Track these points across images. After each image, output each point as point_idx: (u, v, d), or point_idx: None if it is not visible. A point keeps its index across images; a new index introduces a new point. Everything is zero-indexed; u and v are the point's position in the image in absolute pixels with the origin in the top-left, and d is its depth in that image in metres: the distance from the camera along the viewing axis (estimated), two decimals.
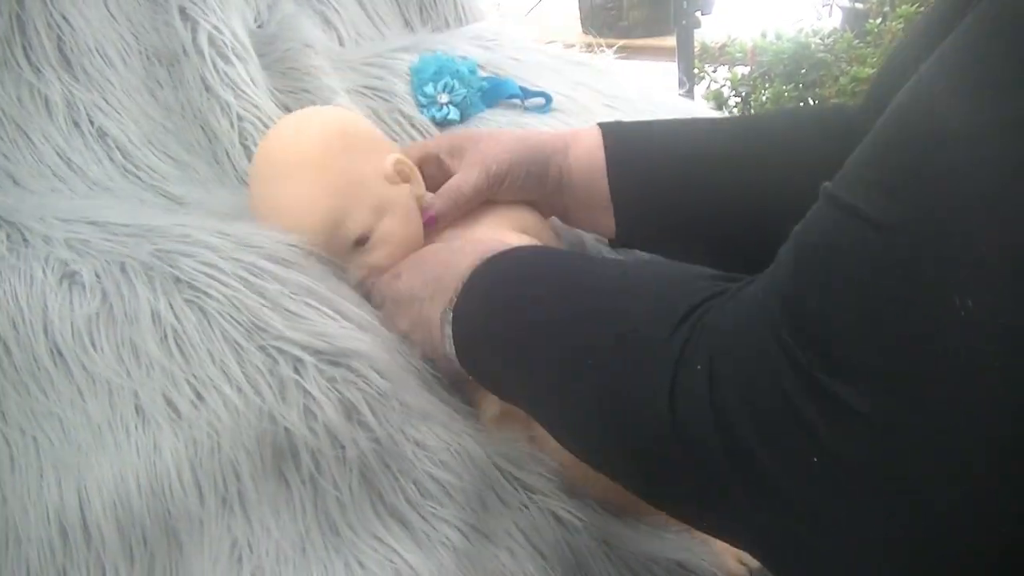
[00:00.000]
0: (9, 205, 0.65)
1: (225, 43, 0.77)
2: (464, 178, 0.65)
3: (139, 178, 0.73)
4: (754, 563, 0.59)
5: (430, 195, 0.66)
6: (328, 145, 0.62)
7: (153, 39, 0.79)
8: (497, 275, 0.54)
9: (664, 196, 0.65)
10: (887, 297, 0.33)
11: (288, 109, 0.77)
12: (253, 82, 0.76)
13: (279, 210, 0.62)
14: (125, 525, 0.51)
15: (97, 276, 0.58)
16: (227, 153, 0.74)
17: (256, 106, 0.75)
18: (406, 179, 0.65)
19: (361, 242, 0.62)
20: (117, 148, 0.73)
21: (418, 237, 0.65)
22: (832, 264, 0.35)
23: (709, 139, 0.67)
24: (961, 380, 0.31)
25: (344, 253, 0.62)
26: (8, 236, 0.61)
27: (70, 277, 0.58)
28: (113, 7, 0.78)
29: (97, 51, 0.75)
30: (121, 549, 0.51)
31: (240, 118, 0.74)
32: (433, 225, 0.65)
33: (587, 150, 0.67)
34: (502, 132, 0.73)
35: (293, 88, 0.79)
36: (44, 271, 0.58)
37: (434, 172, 0.69)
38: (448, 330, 0.55)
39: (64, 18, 0.75)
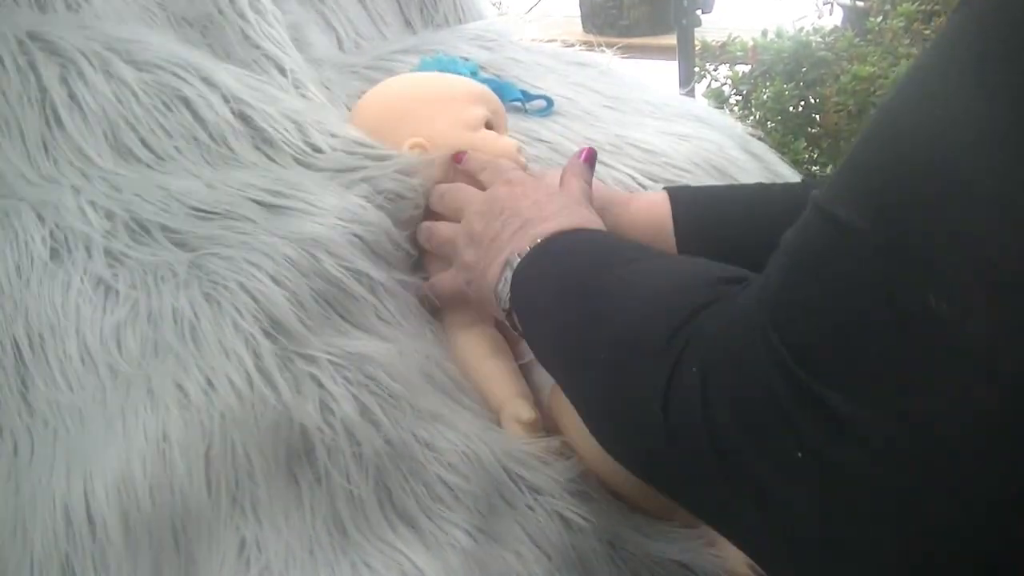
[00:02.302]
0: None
1: (264, 8, 0.77)
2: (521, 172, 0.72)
3: None
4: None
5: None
6: None
7: (181, 4, 0.78)
8: (557, 252, 0.57)
9: (728, 241, 0.66)
10: (867, 301, 0.34)
11: None
12: (292, 41, 0.78)
13: (435, 86, 0.75)
14: (130, 516, 0.50)
15: (131, 286, 0.58)
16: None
17: (298, 65, 0.76)
18: None
19: (490, 126, 0.74)
20: None
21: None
22: (816, 270, 0.36)
23: (771, 190, 0.71)
24: (939, 385, 0.32)
25: (473, 127, 0.72)
26: (51, 234, 0.61)
27: (105, 287, 0.58)
28: None
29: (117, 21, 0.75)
30: (125, 540, 0.50)
31: (292, 71, 0.75)
32: (458, 160, 0.71)
33: (650, 203, 0.70)
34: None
35: None
36: (83, 280, 0.59)
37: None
38: (508, 273, 0.58)
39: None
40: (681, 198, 0.69)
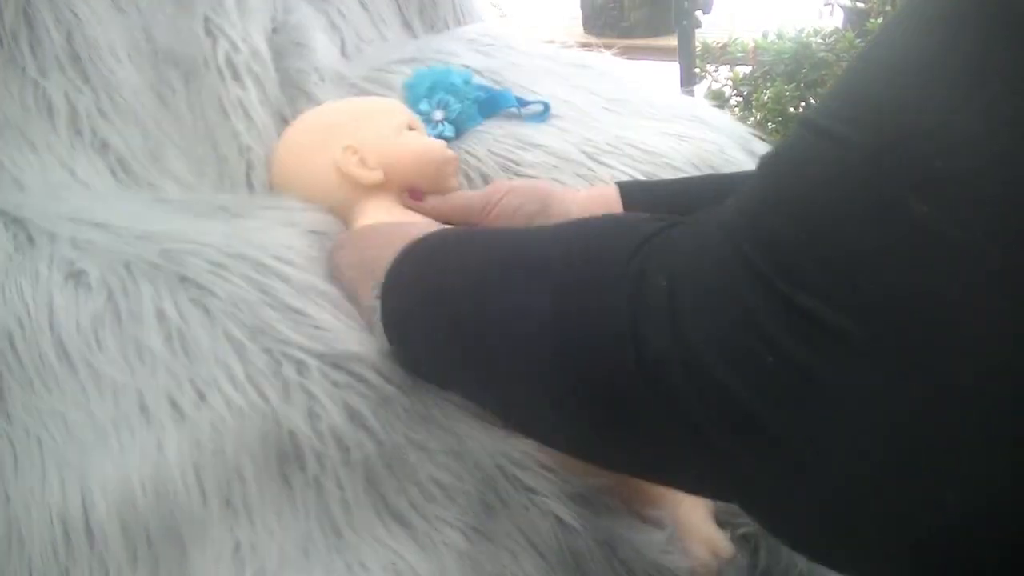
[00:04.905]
0: (16, 202, 0.65)
1: (241, 63, 0.78)
2: (468, 193, 0.74)
3: (141, 191, 0.73)
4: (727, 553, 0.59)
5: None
6: None
7: (170, 39, 0.78)
8: (425, 251, 0.55)
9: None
10: (852, 205, 0.31)
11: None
12: (262, 105, 0.78)
13: (354, 104, 0.78)
14: (129, 526, 0.51)
15: (103, 274, 0.58)
16: (231, 177, 0.75)
17: (260, 134, 0.76)
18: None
19: (412, 127, 0.76)
20: (119, 163, 0.73)
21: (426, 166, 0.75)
22: (799, 178, 0.34)
23: (727, 179, 0.70)
24: (933, 296, 0.29)
25: (396, 131, 0.75)
26: (15, 236, 0.62)
27: (76, 276, 0.59)
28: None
29: (106, 46, 0.75)
30: (125, 550, 0.51)
31: (248, 148, 0.76)
32: (417, 199, 0.73)
33: (600, 192, 0.69)
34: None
35: (296, 112, 0.80)
36: (50, 269, 0.59)
37: None
38: (376, 316, 0.57)
39: (73, 12, 0.75)
40: (633, 189, 0.68)
